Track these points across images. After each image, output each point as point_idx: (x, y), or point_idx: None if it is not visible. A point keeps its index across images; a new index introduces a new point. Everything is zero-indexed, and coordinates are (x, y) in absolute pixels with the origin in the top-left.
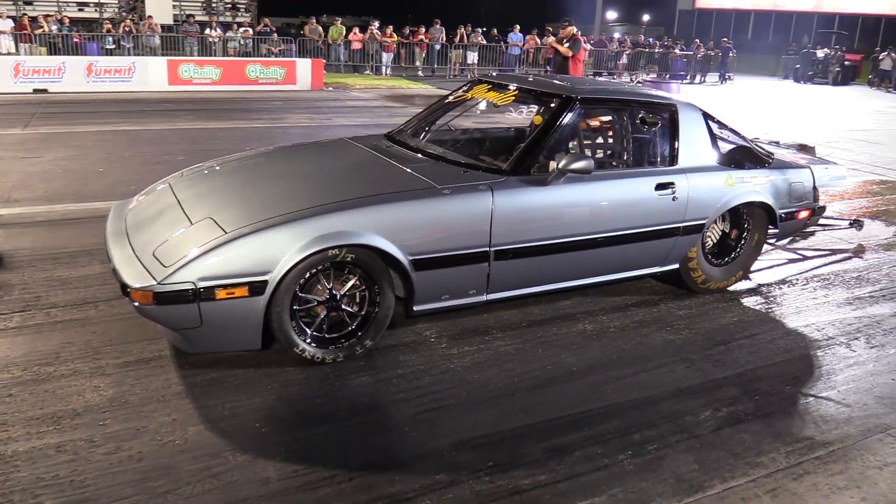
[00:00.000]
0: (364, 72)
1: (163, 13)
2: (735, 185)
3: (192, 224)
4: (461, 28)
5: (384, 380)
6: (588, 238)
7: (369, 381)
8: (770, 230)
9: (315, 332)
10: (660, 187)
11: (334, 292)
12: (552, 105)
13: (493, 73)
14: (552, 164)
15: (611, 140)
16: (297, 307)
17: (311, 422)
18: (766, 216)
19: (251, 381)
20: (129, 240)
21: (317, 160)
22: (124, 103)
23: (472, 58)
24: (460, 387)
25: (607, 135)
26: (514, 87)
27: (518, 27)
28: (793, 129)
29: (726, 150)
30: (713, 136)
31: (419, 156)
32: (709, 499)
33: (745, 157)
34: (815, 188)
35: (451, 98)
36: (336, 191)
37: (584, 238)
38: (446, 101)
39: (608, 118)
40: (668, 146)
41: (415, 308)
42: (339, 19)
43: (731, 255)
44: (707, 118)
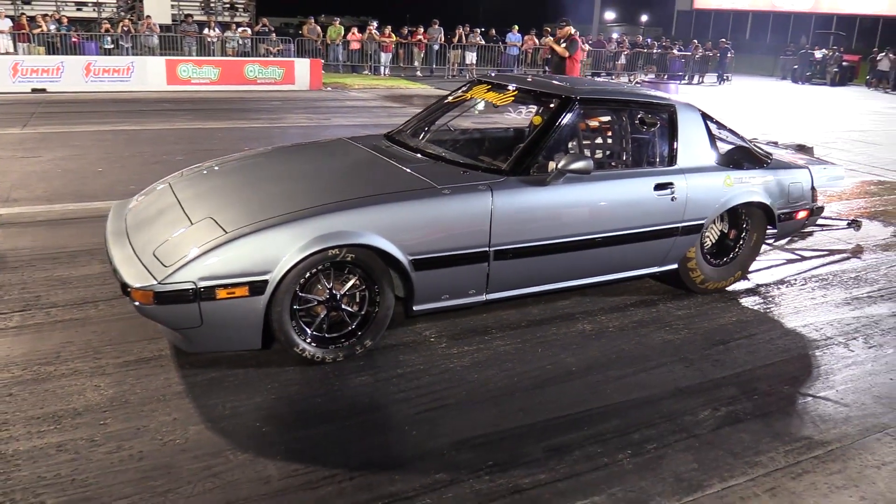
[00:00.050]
0: (362, 72)
1: (161, 13)
2: (734, 186)
3: (192, 224)
4: (460, 28)
5: (384, 379)
6: (587, 238)
7: (369, 381)
8: (768, 230)
9: (315, 332)
10: (659, 187)
11: (334, 292)
12: (551, 105)
13: (492, 74)
14: (551, 165)
15: (610, 140)
16: (297, 307)
17: (312, 421)
18: (764, 216)
19: (251, 381)
20: (129, 239)
21: (316, 160)
22: (123, 103)
23: (471, 58)
24: (460, 386)
25: (606, 135)
26: (513, 88)
27: (516, 27)
28: (791, 130)
29: (725, 150)
30: (712, 137)
31: (419, 156)
32: (708, 498)
33: (743, 157)
34: (813, 188)
35: (450, 98)
36: (336, 191)
37: (583, 238)
38: (446, 102)
39: (607, 118)
40: (666, 146)
41: (414, 308)
42: (338, 19)
43: (730, 256)
44: (706, 118)
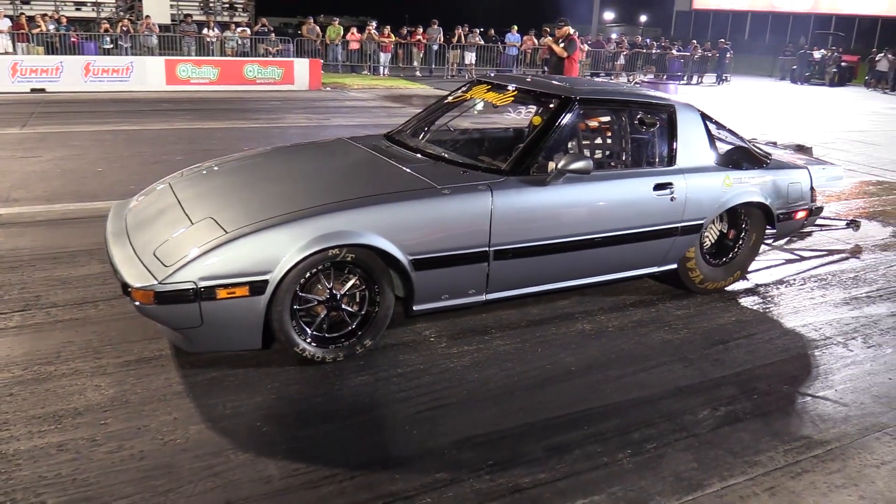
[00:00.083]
0: (362, 72)
1: (160, 13)
2: (733, 186)
3: (192, 224)
4: (459, 28)
5: (384, 379)
6: (587, 238)
7: (369, 381)
8: (767, 230)
9: (315, 332)
10: (658, 187)
11: (334, 292)
12: (551, 105)
13: (491, 74)
14: (551, 165)
15: (609, 140)
16: (297, 307)
17: (312, 421)
18: (763, 216)
19: (252, 381)
20: (129, 240)
21: (316, 160)
22: (122, 103)
23: (470, 58)
24: (460, 386)
25: (606, 135)
26: (513, 88)
27: (516, 28)
28: (790, 130)
29: (724, 150)
30: (711, 137)
31: (419, 156)
32: (708, 497)
33: (742, 157)
34: (812, 189)
35: (450, 98)
36: (336, 191)
37: (582, 238)
38: (445, 102)
39: (607, 119)
40: (666, 146)
41: (414, 308)
42: (337, 19)
43: (729, 255)
44: (705, 119)
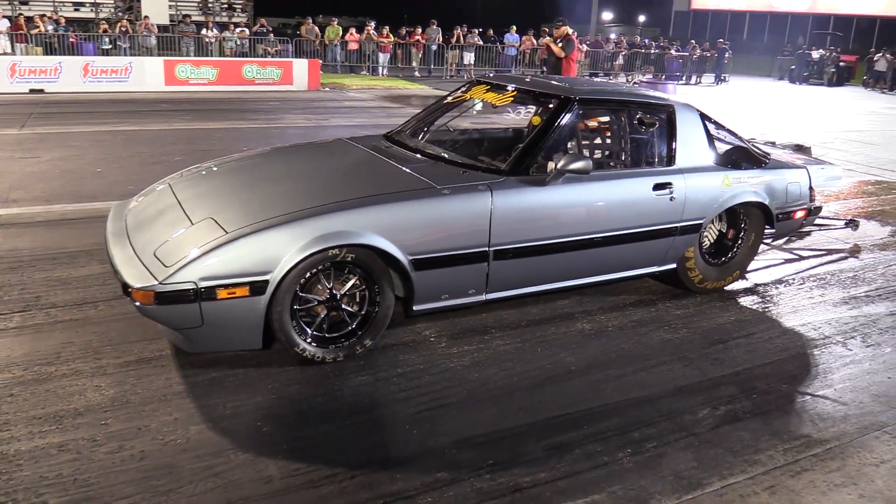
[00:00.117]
0: (361, 72)
1: (159, 13)
2: (732, 186)
3: (192, 224)
4: (458, 28)
5: (384, 379)
6: (586, 238)
7: (369, 381)
8: (767, 230)
9: (315, 332)
10: (657, 187)
11: (334, 292)
12: (550, 106)
13: (490, 74)
14: (550, 165)
15: (609, 140)
16: (297, 307)
17: (312, 421)
18: (762, 216)
19: (252, 381)
20: (129, 240)
21: (316, 160)
22: (121, 103)
23: (469, 58)
24: (460, 386)
25: (605, 135)
26: (512, 88)
27: (514, 28)
28: (788, 130)
29: (723, 150)
30: (710, 137)
31: (418, 156)
32: (707, 496)
33: (741, 157)
34: (811, 188)
35: (449, 99)
36: (336, 191)
37: (582, 238)
38: (445, 102)
39: (606, 119)
40: (665, 146)
41: (414, 307)
42: (336, 20)
43: (728, 255)
44: (704, 119)
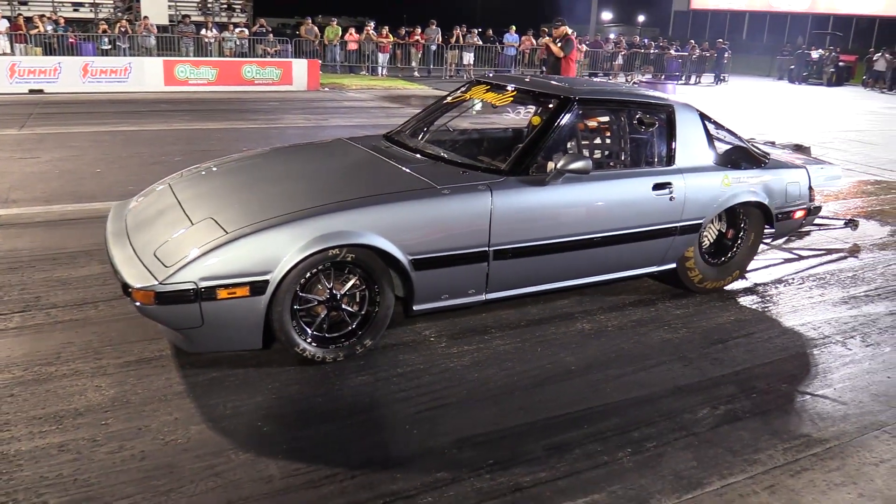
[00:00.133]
0: (360, 72)
1: (158, 14)
2: (732, 186)
3: (192, 224)
4: (457, 29)
5: (384, 379)
6: (586, 238)
7: (370, 380)
8: (766, 230)
9: (315, 332)
10: (657, 187)
11: (334, 292)
12: (550, 106)
13: (490, 74)
14: (550, 165)
15: (608, 140)
16: (297, 307)
17: (313, 420)
18: (762, 216)
19: (252, 381)
20: (129, 240)
21: (316, 160)
22: (120, 104)
23: (468, 58)
24: (460, 385)
25: (605, 135)
26: (512, 88)
27: (514, 28)
28: (788, 130)
29: (723, 150)
30: (710, 137)
31: (418, 156)
32: (707, 495)
33: (741, 157)
34: (810, 188)
35: (449, 99)
36: (336, 191)
37: (582, 238)
38: (445, 102)
39: (606, 119)
40: (665, 146)
41: (414, 307)
42: (335, 20)
43: (728, 255)
44: (704, 119)
